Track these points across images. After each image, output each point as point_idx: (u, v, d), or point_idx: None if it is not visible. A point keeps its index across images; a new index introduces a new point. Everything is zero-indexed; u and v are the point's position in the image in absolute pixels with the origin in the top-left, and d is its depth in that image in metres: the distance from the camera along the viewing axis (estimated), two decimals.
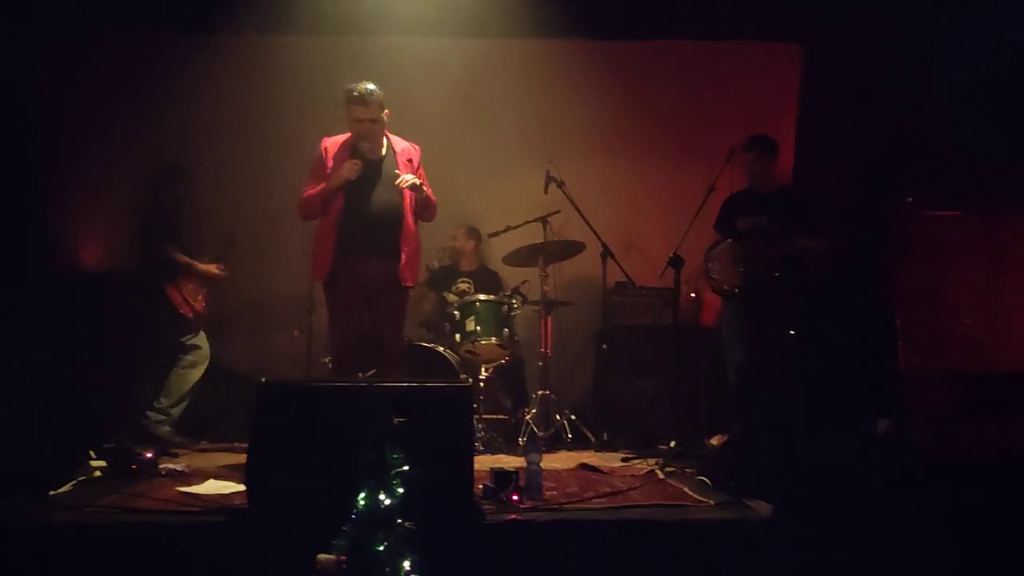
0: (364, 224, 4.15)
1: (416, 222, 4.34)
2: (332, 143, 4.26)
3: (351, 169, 4.10)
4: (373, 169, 4.20)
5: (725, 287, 4.75)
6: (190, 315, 5.09)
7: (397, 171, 4.21)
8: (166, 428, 4.95)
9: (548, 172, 5.17)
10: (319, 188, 4.17)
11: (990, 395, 4.98)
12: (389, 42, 5.83)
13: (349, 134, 4.24)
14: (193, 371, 5.08)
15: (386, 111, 4.21)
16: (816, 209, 4.93)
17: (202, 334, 5.16)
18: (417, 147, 4.39)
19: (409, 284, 4.34)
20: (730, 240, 4.76)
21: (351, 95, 4.12)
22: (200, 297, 5.17)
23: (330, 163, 4.19)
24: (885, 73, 5.46)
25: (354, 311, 4.22)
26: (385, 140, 4.29)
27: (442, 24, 5.68)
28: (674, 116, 6.01)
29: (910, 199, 5.42)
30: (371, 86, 4.13)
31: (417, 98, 5.36)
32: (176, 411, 5.01)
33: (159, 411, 4.97)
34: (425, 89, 5.06)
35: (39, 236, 4.93)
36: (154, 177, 5.14)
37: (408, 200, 4.24)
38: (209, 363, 5.20)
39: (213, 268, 5.21)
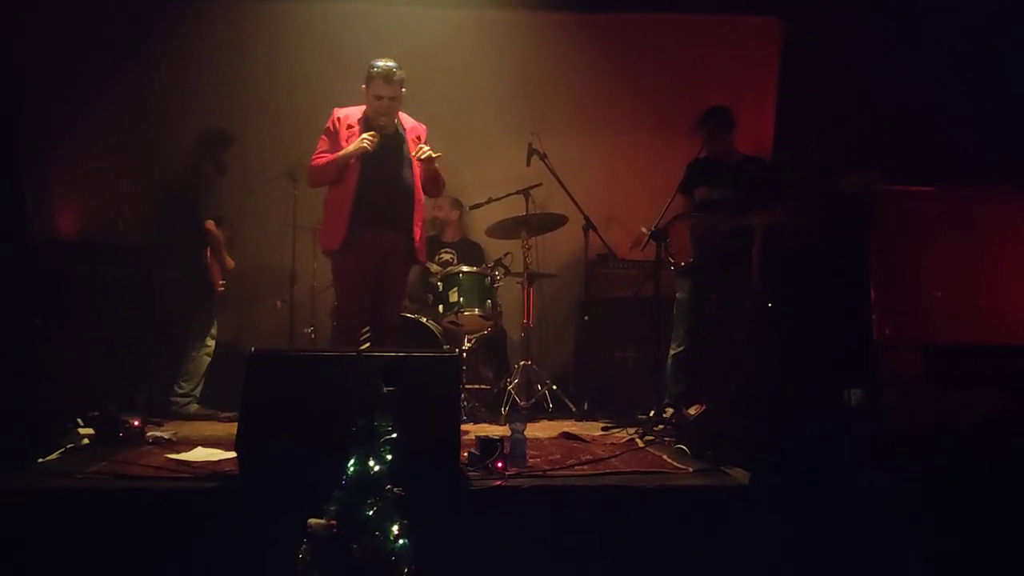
0: (379, 197, 4.18)
1: (425, 198, 4.41)
2: (345, 114, 4.27)
3: (370, 141, 4.11)
4: (388, 144, 4.22)
5: (682, 262, 4.81)
6: (220, 288, 5.12)
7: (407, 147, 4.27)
8: (195, 406, 5.02)
9: (531, 145, 5.20)
10: (334, 156, 4.17)
11: (961, 367, 5.12)
12: (371, 9, 5.82)
13: (362, 107, 4.25)
14: (204, 352, 5.13)
15: (403, 89, 4.23)
16: (775, 180, 4.97)
17: (213, 314, 5.19)
18: (424, 126, 4.43)
19: (423, 259, 4.45)
20: (684, 214, 4.81)
21: (376, 71, 4.13)
22: (223, 276, 5.18)
23: (343, 133, 4.21)
24: (863, 48, 5.52)
25: (364, 282, 4.25)
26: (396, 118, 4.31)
27: None
28: (656, 89, 6.04)
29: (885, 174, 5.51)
30: (394, 63, 4.15)
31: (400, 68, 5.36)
32: (198, 390, 5.07)
33: (183, 395, 5.02)
34: (407, 59, 5.00)
35: (24, 206, 4.88)
36: (197, 144, 5.08)
37: (418, 176, 4.29)
38: None
39: (230, 260, 5.21)
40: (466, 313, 5.05)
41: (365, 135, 4.14)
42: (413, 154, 4.25)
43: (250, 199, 5.60)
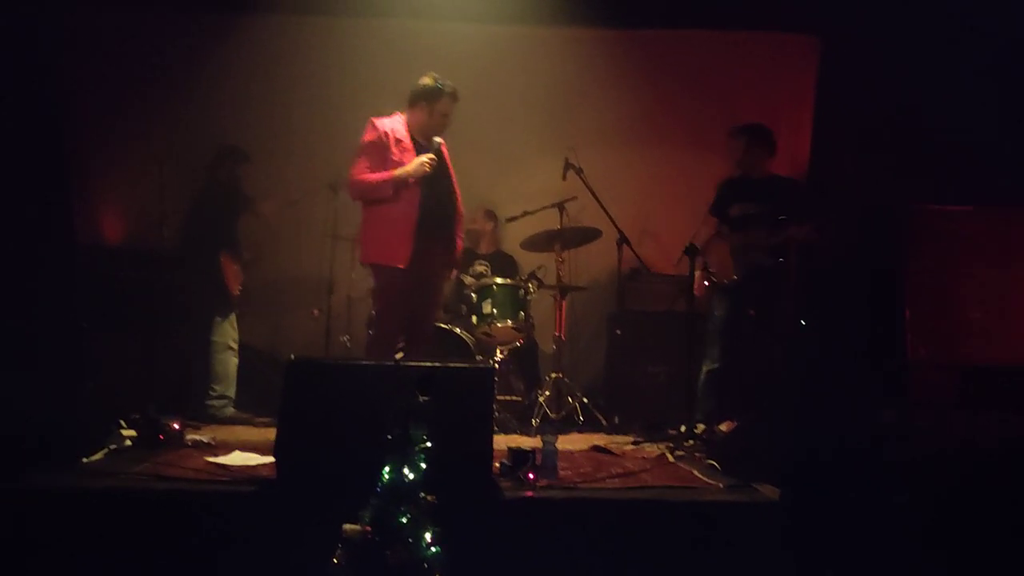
0: (434, 213, 4.25)
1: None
2: (390, 127, 4.27)
3: (430, 164, 4.17)
4: (439, 160, 4.29)
5: (725, 280, 4.83)
6: (235, 293, 5.25)
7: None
8: (230, 410, 5.14)
9: (567, 159, 5.22)
10: (390, 175, 4.17)
11: (996, 388, 5.08)
12: (411, 26, 5.90)
13: (397, 117, 4.31)
14: (230, 354, 5.24)
15: None
16: (806, 197, 4.98)
17: (233, 316, 5.29)
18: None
19: (459, 270, 4.62)
20: (721, 232, 4.83)
21: (445, 90, 4.24)
22: (239, 281, 5.32)
23: (394, 149, 4.22)
24: (901, 66, 5.50)
25: (410, 296, 4.31)
26: None
27: (464, 9, 5.76)
28: (690, 105, 6.05)
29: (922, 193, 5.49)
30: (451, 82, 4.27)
31: None
32: (232, 391, 5.20)
33: (217, 397, 5.14)
34: (447, 73, 5.12)
35: (69, 212, 5.04)
36: (211, 158, 5.32)
37: (457, 190, 4.40)
38: None
39: (236, 286, 5.34)
40: (499, 324, 5.10)
41: (424, 159, 4.16)
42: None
43: (291, 210, 5.70)
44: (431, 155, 4.18)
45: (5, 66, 4.72)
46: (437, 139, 4.37)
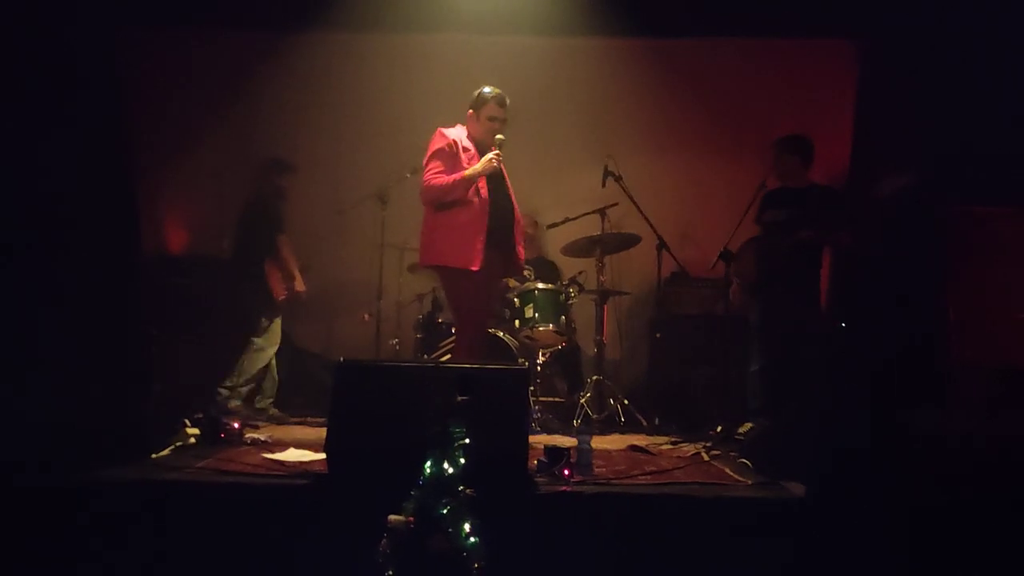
0: (500, 218, 4.37)
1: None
2: (456, 135, 4.40)
3: (498, 159, 4.30)
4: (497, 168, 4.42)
5: (746, 281, 4.95)
6: (280, 297, 5.49)
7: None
8: (236, 403, 5.35)
9: (606, 167, 5.35)
10: (461, 175, 4.29)
11: None
12: (456, 40, 6.11)
13: (460, 128, 4.45)
14: (262, 354, 5.47)
15: None
16: (840, 202, 5.04)
17: (278, 321, 5.54)
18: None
19: (524, 273, 4.72)
20: (753, 238, 4.96)
21: (492, 95, 4.38)
22: (285, 287, 5.55)
23: (462, 155, 4.34)
24: (942, 70, 5.50)
25: (487, 299, 4.48)
26: None
27: (505, 22, 5.92)
28: (728, 112, 6.15)
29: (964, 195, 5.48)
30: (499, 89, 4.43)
31: None
32: (245, 389, 5.42)
33: (229, 388, 5.37)
34: (488, 84, 5.31)
35: (136, 224, 5.34)
36: (256, 170, 5.59)
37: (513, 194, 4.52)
38: (283, 342, 5.59)
39: (299, 279, 5.60)
40: (540, 328, 5.25)
41: (492, 155, 4.28)
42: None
43: (340, 219, 5.95)
44: (496, 152, 4.29)
45: (80, 85, 5.03)
46: (493, 151, 4.44)
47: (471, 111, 4.43)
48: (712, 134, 6.19)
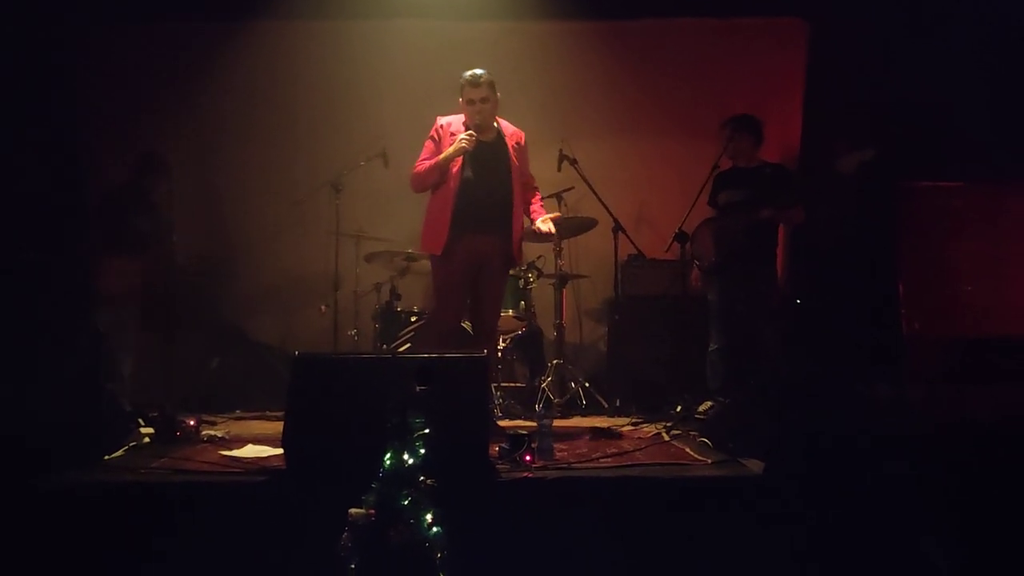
0: (479, 202, 4.29)
1: (520, 203, 4.47)
2: (447, 122, 4.39)
3: (468, 140, 4.23)
4: (487, 150, 4.34)
5: (705, 263, 4.99)
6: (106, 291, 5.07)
7: (511, 156, 4.39)
8: None
9: (561, 151, 5.35)
10: (436, 160, 4.29)
11: (990, 360, 5.19)
12: (405, 25, 6.07)
13: (462, 115, 4.38)
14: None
15: (498, 93, 4.37)
16: (791, 181, 5.10)
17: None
18: (522, 132, 4.52)
19: (520, 262, 4.54)
20: (708, 219, 4.99)
21: (464, 79, 4.28)
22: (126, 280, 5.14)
23: (447, 140, 4.32)
24: (889, 47, 5.59)
25: (463, 286, 4.37)
26: (496, 124, 4.44)
27: (455, 7, 5.91)
28: (681, 94, 6.17)
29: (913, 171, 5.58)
30: (481, 70, 4.30)
31: (432, 80, 5.59)
32: None
33: None
34: (439, 70, 5.28)
35: (84, 220, 5.22)
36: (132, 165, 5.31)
37: (515, 181, 4.40)
38: (239, 336, 5.49)
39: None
40: (500, 314, 5.24)
41: (462, 136, 4.25)
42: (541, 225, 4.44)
43: (296, 210, 5.86)
44: (469, 133, 4.25)
45: (24, 78, 4.90)
46: (511, 130, 4.45)
47: (458, 98, 4.37)
48: (665, 116, 6.20)
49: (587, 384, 5.38)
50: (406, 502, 2.60)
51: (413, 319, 5.49)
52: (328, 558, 2.56)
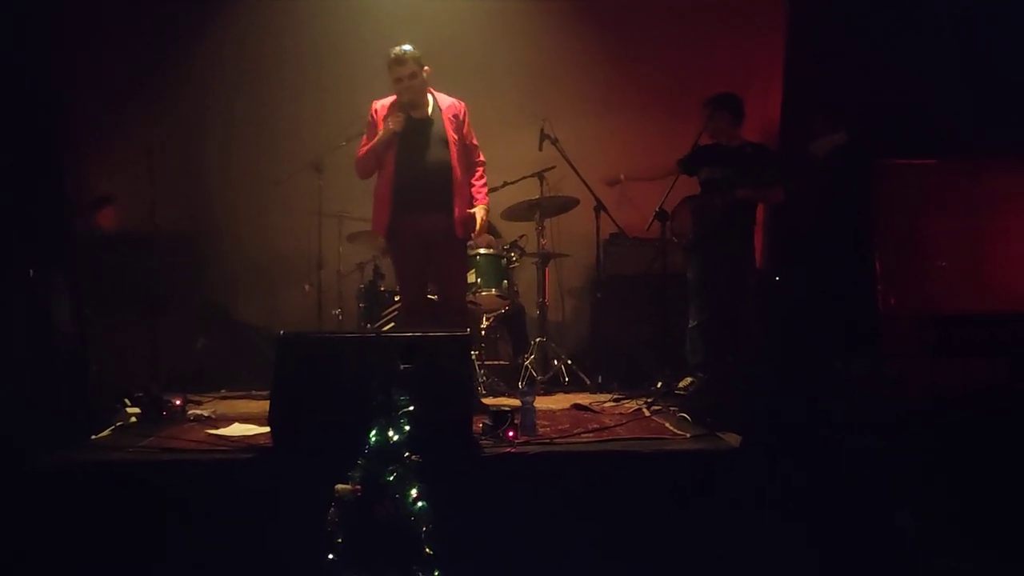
0: (416, 181, 4.31)
1: (464, 175, 4.45)
2: (381, 105, 4.39)
3: (396, 121, 4.25)
4: (421, 126, 4.34)
5: (684, 240, 5.05)
6: None
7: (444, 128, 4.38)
8: None
9: (543, 130, 5.35)
10: (370, 145, 4.33)
11: (964, 335, 5.29)
12: (388, 2, 6.05)
13: (395, 96, 4.38)
14: None
15: (426, 68, 4.33)
16: (772, 160, 5.15)
17: None
18: (462, 103, 4.50)
19: (461, 236, 4.46)
20: (688, 197, 5.04)
21: (389, 57, 4.26)
22: None
23: (381, 124, 4.35)
24: (865, 25, 5.64)
25: (417, 265, 4.42)
26: (431, 98, 4.42)
27: None
28: (663, 72, 6.20)
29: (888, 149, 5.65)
30: (407, 47, 4.27)
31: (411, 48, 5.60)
32: None
33: None
34: (423, 49, 5.26)
35: (69, 204, 5.19)
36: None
37: (456, 155, 4.38)
38: (224, 316, 5.51)
39: None
40: (483, 293, 5.27)
41: (388, 118, 4.28)
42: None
43: (278, 190, 5.86)
44: (396, 115, 4.27)
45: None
46: (448, 103, 4.42)
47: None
48: (646, 95, 6.23)
49: (570, 361, 5.45)
50: (391, 478, 2.65)
51: (396, 298, 5.51)
52: (315, 534, 2.60)
